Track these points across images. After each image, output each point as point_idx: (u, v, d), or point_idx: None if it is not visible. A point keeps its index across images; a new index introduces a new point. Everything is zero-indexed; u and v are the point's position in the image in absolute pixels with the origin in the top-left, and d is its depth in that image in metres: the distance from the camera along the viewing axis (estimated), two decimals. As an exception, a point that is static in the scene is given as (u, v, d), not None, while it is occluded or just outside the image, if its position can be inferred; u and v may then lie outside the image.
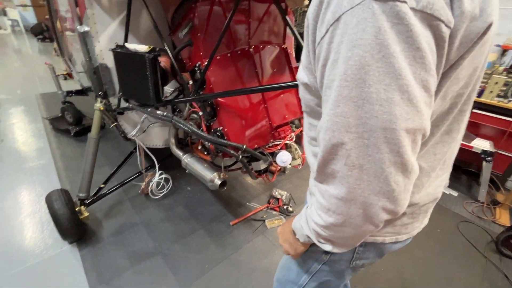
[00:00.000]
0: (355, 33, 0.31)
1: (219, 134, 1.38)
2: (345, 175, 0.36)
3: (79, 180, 2.09)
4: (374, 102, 0.32)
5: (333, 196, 0.39)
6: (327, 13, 0.34)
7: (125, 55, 1.33)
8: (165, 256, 1.58)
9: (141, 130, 1.81)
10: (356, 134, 0.34)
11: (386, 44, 0.30)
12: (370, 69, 0.31)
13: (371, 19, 0.30)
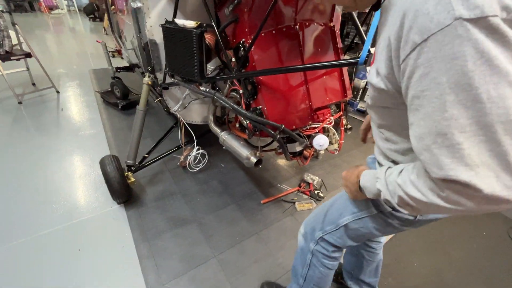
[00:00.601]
0: (451, 48, 0.34)
1: (258, 113, 1.39)
2: (468, 175, 0.37)
3: (125, 148, 2.31)
4: (485, 101, 0.34)
5: (456, 193, 0.39)
6: (411, 35, 0.38)
7: (173, 30, 1.38)
8: (200, 224, 1.70)
9: (182, 105, 1.90)
10: (471, 132, 0.35)
11: (486, 50, 0.33)
12: (475, 74, 0.34)
13: (466, 35, 0.33)
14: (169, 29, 1.40)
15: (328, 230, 0.91)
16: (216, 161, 2.31)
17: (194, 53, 1.35)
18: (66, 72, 4.07)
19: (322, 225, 0.93)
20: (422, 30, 0.36)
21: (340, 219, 0.85)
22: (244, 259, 1.51)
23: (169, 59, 1.52)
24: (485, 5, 0.32)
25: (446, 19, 0.34)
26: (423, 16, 0.36)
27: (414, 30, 0.37)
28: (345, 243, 0.90)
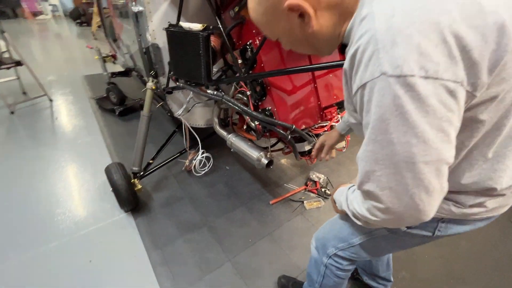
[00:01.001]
0: (377, 97, 0.42)
1: (267, 114, 1.39)
2: (378, 194, 0.48)
3: (127, 155, 2.27)
4: (396, 144, 0.42)
5: (373, 206, 0.51)
6: (356, 78, 0.45)
7: (179, 33, 1.36)
8: (211, 228, 1.69)
9: (186, 109, 1.88)
10: (383, 165, 0.45)
11: (401, 105, 0.39)
12: (390, 122, 0.41)
13: (388, 88, 0.40)
14: (174, 33, 1.38)
15: (341, 247, 0.89)
16: (220, 164, 2.29)
17: (201, 56, 1.34)
18: (57, 80, 3.96)
19: (334, 242, 0.91)
20: (362, 76, 0.44)
21: (352, 238, 0.85)
22: (259, 261, 1.51)
23: (174, 63, 1.50)
24: (404, 65, 0.38)
25: (375, 72, 0.40)
26: (362, 65, 0.43)
27: (358, 74, 0.45)
28: (361, 257, 0.88)
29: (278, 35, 0.58)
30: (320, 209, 1.90)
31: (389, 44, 0.39)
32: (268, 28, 0.58)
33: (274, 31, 0.58)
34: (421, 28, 0.38)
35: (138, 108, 3.14)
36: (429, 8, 0.39)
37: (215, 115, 1.87)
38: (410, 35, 0.38)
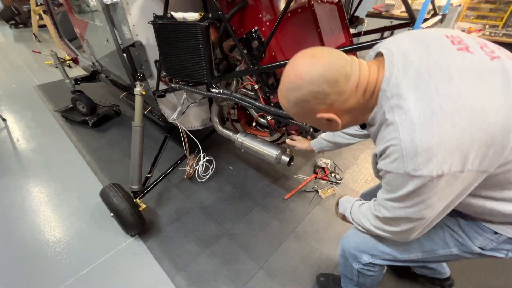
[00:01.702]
0: (399, 183, 0.57)
1: (283, 107, 1.27)
2: (396, 230, 0.68)
3: (115, 171, 2.03)
4: (410, 215, 0.61)
5: (383, 228, 0.72)
6: (382, 163, 0.59)
7: (171, 26, 1.16)
8: (231, 236, 1.57)
9: (180, 112, 1.68)
10: (401, 218, 0.65)
11: (418, 190, 0.55)
12: (407, 199, 0.58)
13: (409, 181, 0.54)
14: (164, 26, 1.17)
15: (382, 257, 0.87)
16: (222, 164, 2.15)
17: (201, 50, 1.16)
18: (5, 94, 3.39)
19: (372, 252, 0.88)
20: (387, 165, 0.57)
21: (405, 254, 0.83)
22: (291, 262, 1.44)
23: (166, 62, 1.30)
24: (424, 170, 0.51)
25: (400, 169, 0.54)
26: (389, 159, 0.56)
27: (382, 161, 0.59)
28: (405, 264, 0.89)
29: (305, 122, 0.75)
30: (335, 196, 1.87)
31: (412, 153, 0.51)
32: (297, 118, 0.67)
33: (302, 120, 0.69)
34: (440, 144, 0.49)
35: (113, 115, 2.82)
36: (442, 124, 0.50)
37: (215, 115, 1.70)
38: (429, 148, 0.49)
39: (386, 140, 0.55)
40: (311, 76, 0.56)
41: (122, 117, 2.84)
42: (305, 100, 0.59)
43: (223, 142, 2.34)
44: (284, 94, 0.62)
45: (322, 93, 0.57)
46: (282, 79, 0.63)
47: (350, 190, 1.91)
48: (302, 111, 0.62)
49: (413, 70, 0.53)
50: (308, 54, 0.58)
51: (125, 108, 2.92)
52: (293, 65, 0.59)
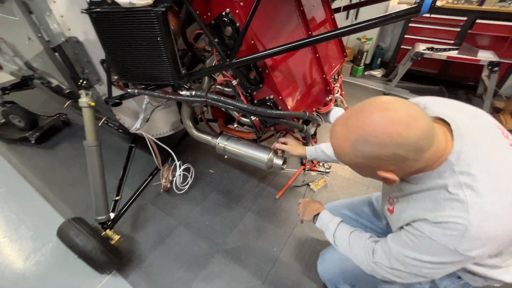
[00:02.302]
0: (437, 248, 0.58)
1: (270, 104, 1.08)
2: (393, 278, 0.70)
3: (75, 194, 1.71)
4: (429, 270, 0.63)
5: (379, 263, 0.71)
6: (425, 226, 0.59)
7: (114, 15, 0.87)
8: (225, 252, 1.41)
9: (144, 120, 1.41)
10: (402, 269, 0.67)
11: (450, 263, 0.59)
12: (429, 265, 0.61)
13: (451, 254, 0.57)
14: (104, 15, 0.89)
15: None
16: (202, 169, 1.93)
17: (161, 44, 0.91)
18: None
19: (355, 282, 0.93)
20: (435, 235, 0.57)
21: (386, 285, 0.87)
22: (295, 269, 1.33)
23: (116, 62, 1.01)
24: (473, 252, 0.54)
25: (451, 244, 0.55)
26: (441, 230, 0.56)
27: (431, 229, 0.57)
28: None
29: (355, 170, 0.64)
30: (327, 186, 1.79)
31: (474, 237, 0.52)
32: (351, 165, 0.62)
33: (355, 169, 0.64)
34: (498, 236, 0.53)
35: (61, 126, 2.38)
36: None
37: (186, 117, 1.45)
38: (490, 237, 0.53)
39: (448, 214, 0.54)
40: (403, 139, 0.50)
41: (73, 127, 2.42)
42: (381, 158, 0.53)
43: (198, 144, 2.09)
44: (355, 143, 0.55)
45: (403, 158, 0.52)
46: (351, 121, 0.55)
47: (341, 179, 1.84)
48: (366, 165, 0.57)
49: (482, 155, 0.55)
50: (404, 110, 0.51)
51: (76, 117, 2.48)
52: (383, 117, 0.51)
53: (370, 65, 3.38)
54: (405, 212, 0.64)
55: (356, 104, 0.58)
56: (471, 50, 2.37)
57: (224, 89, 1.26)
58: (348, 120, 0.56)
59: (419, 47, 2.51)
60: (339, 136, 0.58)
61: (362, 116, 0.54)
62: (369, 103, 0.55)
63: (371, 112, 0.53)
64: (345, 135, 0.56)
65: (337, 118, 0.61)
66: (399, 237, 0.65)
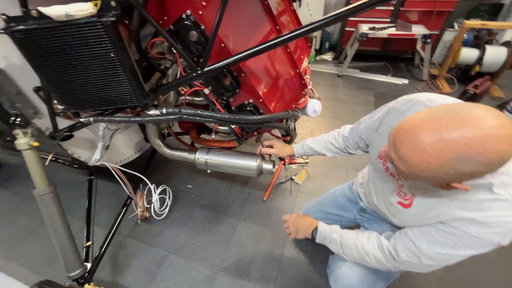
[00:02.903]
0: (470, 244, 0.61)
1: (249, 109, 1.01)
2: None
3: (28, 252, 1.44)
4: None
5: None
6: (470, 227, 0.60)
7: (45, 32, 0.70)
8: (226, 270, 1.32)
9: (104, 147, 1.21)
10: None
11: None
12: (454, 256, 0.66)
13: (486, 246, 0.61)
14: (34, 33, 0.70)
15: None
16: (178, 187, 1.77)
17: (115, 60, 0.76)
18: None
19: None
20: (480, 232, 0.59)
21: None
22: (301, 268, 1.32)
23: (58, 88, 0.82)
24: (508, 242, 0.59)
25: (494, 239, 0.59)
26: (487, 228, 0.59)
27: (476, 229, 0.60)
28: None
29: (411, 178, 0.60)
30: (310, 177, 1.80)
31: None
32: (416, 178, 0.58)
33: (420, 180, 0.61)
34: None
35: None
36: None
37: (154, 136, 1.29)
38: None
39: (498, 214, 0.57)
40: (509, 156, 0.47)
41: (5, 169, 2.00)
42: (471, 174, 0.50)
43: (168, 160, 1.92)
44: (452, 161, 0.48)
45: (488, 172, 0.50)
46: (451, 136, 0.47)
47: (321, 166, 1.87)
48: (446, 180, 0.54)
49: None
50: (509, 126, 0.46)
51: (6, 156, 2.06)
52: (495, 136, 0.45)
53: (319, 50, 3.50)
54: (434, 210, 0.64)
55: (441, 110, 0.50)
56: (406, 26, 2.60)
57: (194, 98, 1.14)
58: (444, 133, 0.47)
59: (363, 28, 2.67)
60: (427, 150, 0.49)
61: (467, 132, 0.46)
62: (471, 116, 0.47)
63: (480, 128, 0.45)
64: (439, 151, 0.48)
65: (416, 124, 0.51)
66: (429, 235, 0.65)
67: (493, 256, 1.34)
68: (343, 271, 0.92)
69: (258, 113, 1.00)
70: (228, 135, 1.30)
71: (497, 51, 2.44)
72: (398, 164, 0.56)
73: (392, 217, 0.81)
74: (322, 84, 2.91)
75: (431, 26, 2.66)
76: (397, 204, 0.75)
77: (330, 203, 1.16)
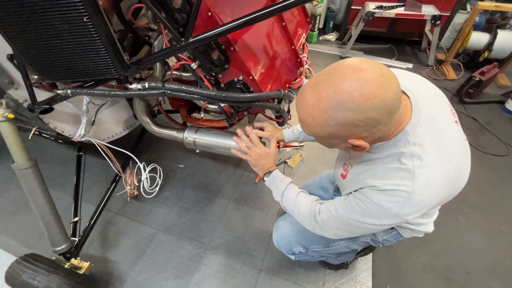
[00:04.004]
0: (374, 211, 0.62)
1: (240, 86, 0.95)
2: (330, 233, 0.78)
3: (18, 225, 1.43)
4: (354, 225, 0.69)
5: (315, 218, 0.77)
6: (372, 192, 0.62)
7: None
8: (215, 249, 1.33)
9: (89, 123, 1.17)
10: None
11: (387, 225, 0.69)
12: (372, 225, 0.66)
13: (390, 216, 0.62)
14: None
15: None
16: (170, 166, 1.75)
17: (90, 25, 0.69)
18: None
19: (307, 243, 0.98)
20: (380, 200, 0.60)
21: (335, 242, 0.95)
22: (288, 250, 1.32)
23: (32, 57, 0.76)
24: (410, 216, 0.59)
25: (392, 209, 0.59)
26: (387, 197, 0.59)
27: (378, 196, 0.61)
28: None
29: (320, 142, 0.64)
30: (304, 160, 1.78)
31: (415, 204, 0.57)
32: (319, 136, 0.59)
33: (322, 140, 0.63)
34: (431, 202, 0.59)
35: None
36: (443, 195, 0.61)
37: (142, 113, 1.24)
38: (426, 204, 0.59)
39: (396, 183, 0.57)
40: (379, 100, 0.48)
41: None
42: (355, 124, 0.51)
43: (160, 138, 1.88)
44: (328, 111, 0.51)
45: (376, 121, 0.51)
46: (323, 87, 0.51)
47: (316, 150, 1.84)
48: (338, 134, 0.54)
49: (435, 130, 0.58)
50: (377, 71, 0.49)
51: None
52: (358, 79, 0.48)
53: (323, 30, 3.34)
54: (357, 178, 0.66)
55: (323, 69, 0.54)
56: (415, 5, 2.45)
57: (181, 74, 1.08)
58: (319, 85, 0.52)
59: (369, 6, 2.52)
60: (309, 104, 0.53)
61: (335, 80, 0.50)
62: (340, 66, 0.51)
63: (345, 74, 0.49)
64: (317, 103, 0.52)
65: (304, 85, 0.57)
66: (347, 201, 0.67)
67: (480, 245, 1.36)
68: (284, 224, 1.01)
69: (248, 91, 0.95)
70: (220, 115, 1.25)
71: (509, 36, 2.32)
72: (302, 127, 0.61)
73: (341, 189, 0.83)
74: (323, 66, 2.80)
75: (442, 6, 2.51)
76: (340, 176, 0.76)
77: (315, 184, 1.17)
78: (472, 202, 1.55)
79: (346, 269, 1.23)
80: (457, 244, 1.36)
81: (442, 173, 0.57)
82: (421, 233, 0.83)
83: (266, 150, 0.90)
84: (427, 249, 1.33)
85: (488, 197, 1.58)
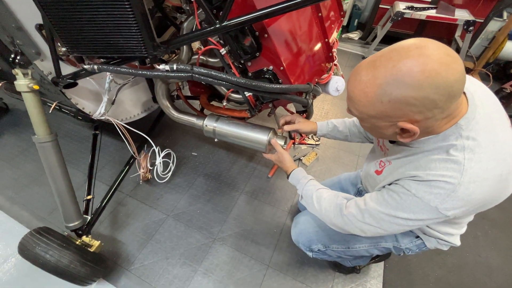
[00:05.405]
0: (412, 204, 0.58)
1: (269, 76, 0.91)
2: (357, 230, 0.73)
3: (31, 198, 1.45)
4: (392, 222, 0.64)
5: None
6: (411, 183, 0.58)
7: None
8: (223, 240, 1.32)
9: (109, 102, 1.15)
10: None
11: (424, 221, 0.61)
12: (404, 220, 0.62)
13: (428, 210, 0.57)
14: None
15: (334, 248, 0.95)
16: (183, 153, 1.74)
17: (126, 2, 0.66)
18: None
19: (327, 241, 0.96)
20: (420, 192, 0.56)
21: (356, 243, 0.92)
22: (298, 249, 1.29)
23: (62, 28, 0.74)
24: (450, 212, 0.55)
25: (432, 201, 0.54)
26: (430, 183, 0.54)
27: (417, 187, 0.56)
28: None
29: (371, 128, 0.60)
30: (319, 159, 1.74)
31: (458, 198, 0.53)
32: (367, 123, 0.58)
33: (366, 122, 0.58)
34: (478, 200, 0.54)
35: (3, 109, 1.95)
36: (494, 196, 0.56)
37: (163, 97, 1.22)
38: (471, 200, 0.53)
39: (441, 174, 0.53)
40: (442, 79, 0.45)
41: (14, 113, 1.99)
42: (411, 103, 0.48)
43: (176, 124, 1.86)
44: (384, 85, 0.48)
45: (433, 104, 0.48)
46: (381, 62, 0.49)
47: (331, 150, 1.79)
48: (389, 114, 0.51)
49: (492, 127, 0.55)
50: (443, 50, 0.46)
51: (16, 100, 2.04)
52: (421, 55, 0.45)
53: (347, 28, 3.25)
54: (395, 172, 0.62)
55: (381, 50, 0.51)
56: (448, 8, 2.34)
57: (208, 59, 1.04)
58: (376, 61, 0.50)
59: (399, 6, 2.42)
60: (363, 80, 0.51)
61: (395, 56, 0.47)
62: (401, 43, 0.49)
63: (407, 50, 0.47)
64: (373, 78, 0.49)
65: (360, 63, 0.54)
66: (379, 195, 0.64)
67: (497, 263, 1.31)
68: (305, 219, 0.99)
69: (276, 82, 0.91)
70: (240, 105, 1.22)
71: (546, 49, 2.20)
72: (350, 107, 0.58)
73: (370, 188, 0.79)
74: (344, 65, 2.73)
75: (476, 12, 2.39)
76: (374, 172, 0.73)
77: (333, 184, 1.14)
78: (492, 218, 1.49)
79: (357, 274, 1.20)
80: (473, 261, 1.32)
81: (495, 172, 0.52)
82: (447, 246, 0.79)
83: (284, 155, 0.95)
84: (441, 262, 1.29)
85: (509, 214, 1.51)
